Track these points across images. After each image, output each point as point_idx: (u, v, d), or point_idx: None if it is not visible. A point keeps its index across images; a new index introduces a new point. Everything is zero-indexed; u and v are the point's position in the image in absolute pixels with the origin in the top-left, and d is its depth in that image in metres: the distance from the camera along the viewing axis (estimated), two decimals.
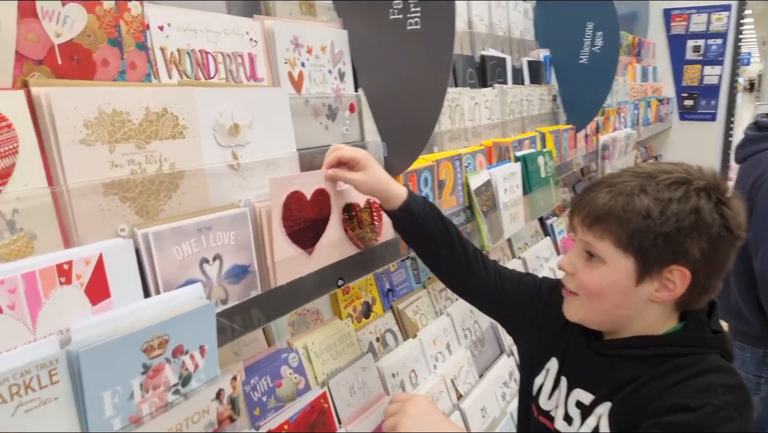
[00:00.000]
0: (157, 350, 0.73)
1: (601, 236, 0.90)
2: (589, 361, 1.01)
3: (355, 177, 1.10)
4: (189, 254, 0.86)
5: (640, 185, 0.88)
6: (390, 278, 1.70)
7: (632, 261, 0.89)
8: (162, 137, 0.86)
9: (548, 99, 2.62)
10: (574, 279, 0.97)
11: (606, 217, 0.89)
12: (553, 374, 1.08)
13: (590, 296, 0.95)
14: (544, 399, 1.09)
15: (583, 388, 1.01)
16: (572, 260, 0.97)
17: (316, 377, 1.30)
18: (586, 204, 0.93)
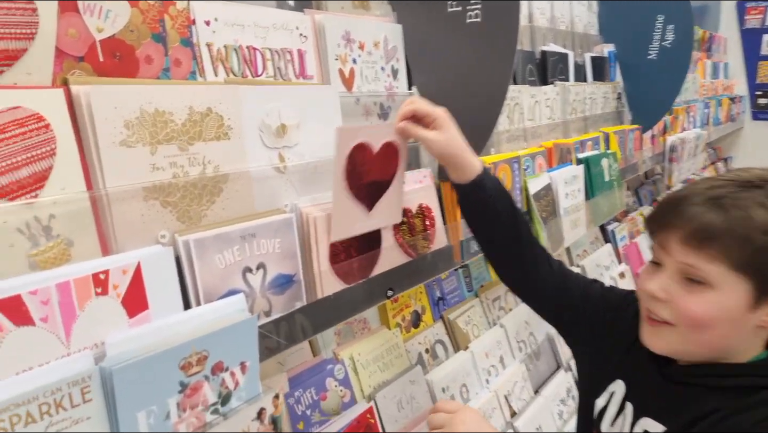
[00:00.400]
0: (195, 367, 0.69)
1: (713, 258, 0.77)
2: (659, 388, 0.90)
3: (428, 135, 0.99)
4: (231, 262, 0.81)
5: (754, 198, 0.76)
6: (441, 286, 1.63)
7: (749, 284, 0.76)
8: (206, 138, 0.82)
9: (613, 97, 2.47)
10: (671, 307, 0.83)
11: (721, 236, 0.76)
12: (619, 398, 0.98)
13: (694, 327, 0.81)
14: (607, 424, 0.99)
15: (652, 417, 0.90)
16: (664, 285, 0.83)
17: (362, 390, 1.25)
18: (687, 221, 0.79)
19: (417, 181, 1.21)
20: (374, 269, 1.06)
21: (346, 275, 1.00)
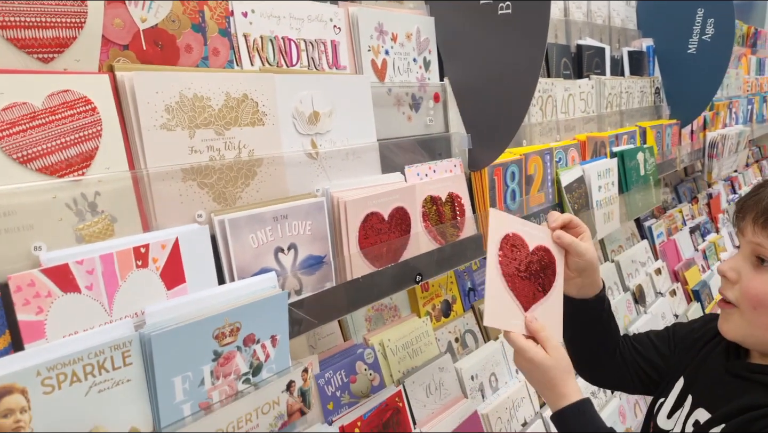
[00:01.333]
0: (228, 338, 0.72)
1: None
2: (718, 380, 0.91)
3: (582, 244, 0.98)
4: (264, 242, 0.84)
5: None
6: (471, 277, 1.64)
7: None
8: (241, 124, 0.86)
9: (650, 92, 2.43)
10: (737, 288, 0.84)
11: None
12: (676, 393, 0.99)
13: (756, 307, 0.82)
14: (663, 418, 1.00)
15: (705, 408, 0.91)
16: (736, 265, 0.85)
17: (391, 375, 1.27)
18: (759, 200, 0.82)
19: (447, 170, 1.23)
20: (403, 255, 1.08)
21: (376, 259, 1.02)
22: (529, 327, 0.92)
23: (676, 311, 2.42)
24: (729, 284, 0.86)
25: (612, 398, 1.86)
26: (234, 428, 0.73)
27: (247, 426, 0.74)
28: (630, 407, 1.95)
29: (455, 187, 1.23)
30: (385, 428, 1.16)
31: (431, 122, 1.27)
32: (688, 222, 3.10)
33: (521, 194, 1.44)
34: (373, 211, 1.01)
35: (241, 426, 0.74)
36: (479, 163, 1.30)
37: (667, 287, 2.49)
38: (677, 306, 2.46)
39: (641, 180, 2.03)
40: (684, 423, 0.93)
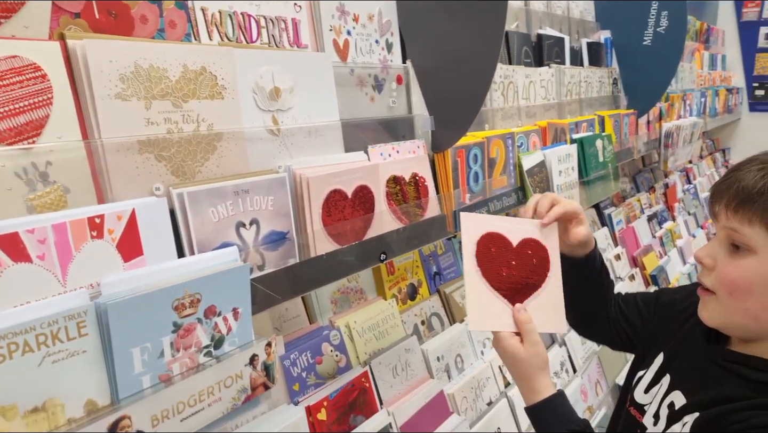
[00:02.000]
0: (188, 309, 0.71)
1: (750, 220, 0.77)
2: (696, 363, 0.91)
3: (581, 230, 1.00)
4: (225, 216, 0.83)
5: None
6: (437, 261, 1.65)
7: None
8: (200, 97, 0.84)
9: (608, 82, 2.49)
10: (714, 274, 0.84)
11: (757, 197, 0.76)
12: (655, 368, 1.00)
13: (732, 293, 0.81)
14: (640, 392, 1.01)
15: (681, 391, 0.91)
16: (712, 252, 0.84)
17: (357, 357, 1.27)
18: (731, 184, 0.80)
19: (411, 151, 1.23)
20: (367, 233, 1.08)
21: (339, 237, 1.02)
22: (516, 317, 0.93)
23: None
24: (706, 270, 0.85)
25: (574, 377, 1.90)
26: (196, 401, 0.72)
27: (209, 399, 0.73)
28: (591, 385, 1.99)
29: (419, 168, 1.23)
30: (351, 408, 1.16)
31: (394, 104, 1.27)
32: (646, 210, 3.19)
33: (484, 177, 1.46)
34: (336, 188, 1.01)
35: (203, 399, 0.72)
36: (442, 145, 1.31)
37: (626, 272, 2.56)
38: (636, 290, 2.52)
39: (600, 166, 2.08)
40: (660, 403, 0.94)
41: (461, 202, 1.37)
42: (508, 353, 0.92)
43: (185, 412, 0.71)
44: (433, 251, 1.64)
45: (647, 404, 0.98)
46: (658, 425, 0.91)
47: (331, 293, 1.31)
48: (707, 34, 4.59)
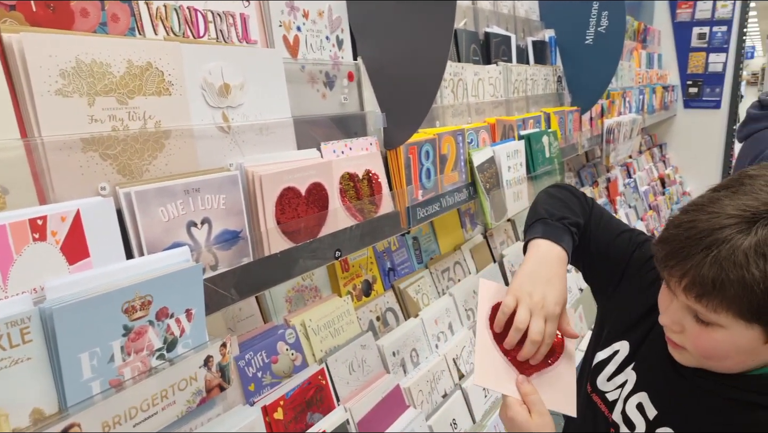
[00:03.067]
0: (139, 312, 0.69)
1: (715, 309, 0.72)
2: (666, 373, 0.90)
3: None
4: (175, 216, 0.81)
5: (755, 247, 0.67)
6: (391, 257, 1.66)
7: (760, 327, 0.71)
8: (146, 93, 0.82)
9: (553, 80, 2.56)
10: (685, 338, 0.80)
11: (718, 293, 0.70)
12: (620, 359, 1.00)
13: (708, 358, 0.79)
14: (603, 380, 1.01)
15: (650, 396, 0.91)
16: (676, 318, 0.80)
17: (314, 354, 1.26)
18: (686, 271, 0.73)
19: (363, 148, 1.24)
20: (322, 230, 1.08)
21: (294, 235, 1.01)
22: (519, 388, 0.90)
23: (581, 285, 2.58)
24: (675, 333, 0.82)
25: None
26: (149, 406, 0.70)
27: (163, 403, 0.71)
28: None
29: (372, 165, 1.24)
30: (308, 406, 1.16)
31: (346, 101, 1.27)
32: None
33: (436, 173, 1.48)
34: (289, 186, 1.00)
35: (156, 403, 0.71)
36: (394, 142, 1.32)
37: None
38: (581, 281, 2.62)
39: (546, 162, 2.14)
40: (625, 400, 0.95)
41: (414, 198, 1.38)
42: (515, 422, 0.86)
43: (138, 417, 0.69)
44: (387, 247, 1.65)
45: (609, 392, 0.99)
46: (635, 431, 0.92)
47: (286, 292, 1.30)
48: (644, 34, 4.78)
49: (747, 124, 2.06)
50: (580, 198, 1.15)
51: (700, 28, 5.22)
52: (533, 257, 0.98)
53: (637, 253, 1.05)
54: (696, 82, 5.33)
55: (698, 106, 5.32)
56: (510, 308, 0.91)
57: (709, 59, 5.24)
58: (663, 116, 4.85)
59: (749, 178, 0.74)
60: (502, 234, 2.28)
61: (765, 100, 1.99)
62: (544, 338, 0.89)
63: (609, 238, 1.09)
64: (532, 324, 0.89)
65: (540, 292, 0.92)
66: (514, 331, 0.90)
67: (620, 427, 0.95)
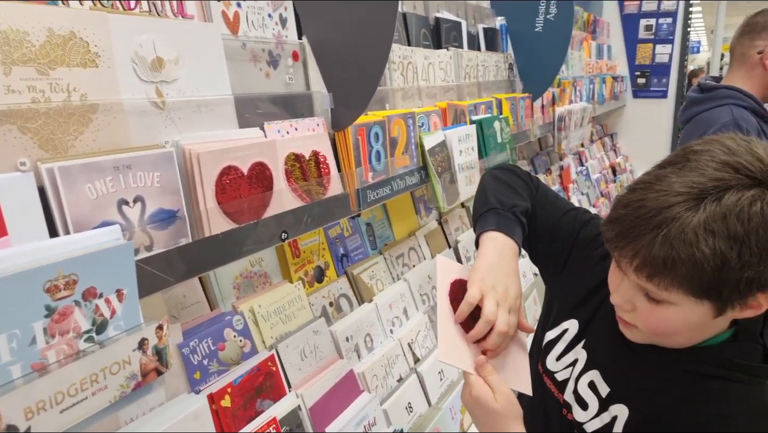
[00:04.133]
0: (63, 291, 0.65)
1: (667, 287, 0.72)
2: (617, 349, 0.90)
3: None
4: (104, 193, 0.77)
5: (704, 224, 0.67)
6: (344, 243, 1.64)
7: (710, 304, 0.72)
8: (70, 64, 0.77)
9: (504, 67, 2.58)
10: (636, 316, 0.81)
11: (669, 271, 0.70)
12: (569, 338, 1.00)
13: (658, 334, 0.80)
14: (552, 360, 1.02)
15: (601, 374, 0.92)
16: (627, 297, 0.80)
17: (263, 341, 1.23)
18: (636, 251, 0.72)
19: (310, 129, 1.21)
20: (267, 211, 1.05)
21: (237, 215, 0.98)
22: (478, 370, 0.89)
23: (535, 270, 2.61)
24: (626, 311, 0.83)
25: None
26: (77, 390, 0.66)
27: (93, 387, 0.68)
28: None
29: (319, 146, 1.21)
30: (258, 393, 1.13)
31: (291, 81, 1.24)
32: None
33: (386, 156, 1.46)
34: (230, 165, 0.97)
35: (85, 388, 0.67)
36: (342, 123, 1.29)
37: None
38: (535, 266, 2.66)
39: (498, 147, 2.15)
40: (577, 380, 0.95)
41: (364, 180, 1.36)
42: (480, 401, 0.85)
43: (65, 402, 0.65)
44: (340, 233, 1.63)
45: (559, 372, 0.99)
46: (588, 411, 0.92)
47: (233, 278, 1.26)
48: (594, 25, 4.88)
49: (689, 107, 2.14)
50: (525, 180, 1.16)
51: (647, 20, 5.37)
52: (491, 250, 0.98)
53: (583, 231, 1.06)
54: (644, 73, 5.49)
55: (646, 96, 5.47)
56: (476, 299, 0.90)
57: (656, 50, 5.40)
58: (613, 106, 4.97)
59: (694, 154, 0.74)
60: (457, 220, 2.29)
61: (704, 84, 2.07)
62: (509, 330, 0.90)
63: (555, 218, 1.10)
64: (500, 316, 0.89)
65: (503, 285, 0.92)
66: (484, 324, 0.89)
67: (573, 407, 0.96)
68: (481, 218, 1.05)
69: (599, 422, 0.90)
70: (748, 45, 1.95)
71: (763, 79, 1.95)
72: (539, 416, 1.04)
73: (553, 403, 1.00)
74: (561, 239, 1.07)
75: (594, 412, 0.91)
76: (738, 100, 1.92)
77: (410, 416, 1.50)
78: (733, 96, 1.93)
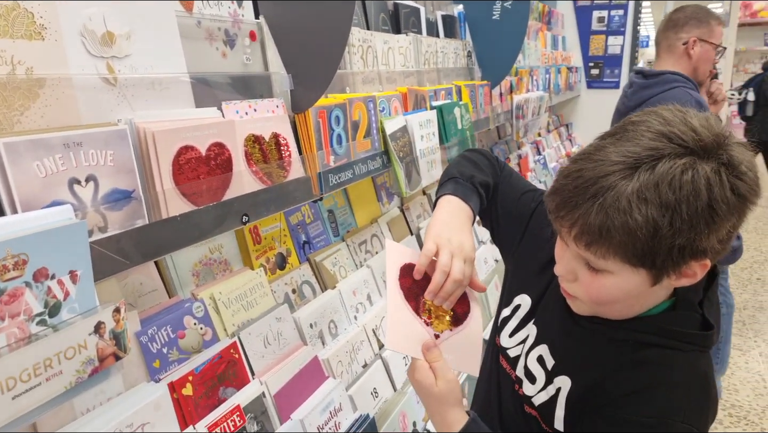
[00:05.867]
0: (12, 272, 0.61)
1: (604, 255, 0.74)
2: (563, 322, 0.93)
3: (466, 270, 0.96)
4: (54, 171, 0.73)
5: (638, 192, 0.69)
6: (306, 230, 1.62)
7: (645, 271, 0.74)
8: (14, 36, 0.73)
9: (463, 54, 2.60)
10: (577, 287, 0.83)
11: (605, 240, 0.72)
12: (522, 314, 1.03)
13: (600, 304, 0.82)
14: (506, 336, 1.04)
15: (549, 348, 0.94)
16: (569, 267, 0.82)
17: (225, 329, 1.21)
18: (575, 220, 0.74)
19: (269, 110, 1.19)
20: (226, 193, 1.02)
21: (195, 197, 0.95)
22: (424, 355, 0.91)
23: (497, 256, 2.65)
24: (568, 282, 0.85)
25: None
26: (30, 376, 0.63)
27: (47, 373, 0.65)
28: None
29: (279, 128, 1.19)
30: (220, 381, 1.11)
31: (249, 61, 1.21)
32: None
33: (347, 139, 1.45)
34: (187, 144, 0.94)
35: (39, 373, 0.64)
36: (302, 105, 1.27)
37: (487, 236, 2.71)
38: (497, 252, 2.69)
39: (459, 133, 2.16)
40: (527, 353, 0.97)
41: (326, 164, 1.35)
42: (422, 385, 0.90)
43: (17, 388, 0.61)
44: (301, 219, 1.61)
45: (511, 349, 1.02)
46: (536, 384, 0.94)
47: (192, 265, 1.23)
48: (549, 17, 4.97)
49: (637, 92, 2.22)
50: (491, 160, 1.20)
51: (600, 12, 5.50)
52: (445, 209, 1.02)
53: (538, 209, 1.09)
54: (597, 64, 5.62)
55: (599, 86, 5.62)
56: (432, 251, 0.94)
57: (608, 42, 5.54)
58: (569, 96, 5.08)
59: (632, 125, 0.76)
60: (419, 207, 2.30)
61: (648, 71, 2.25)
62: (464, 278, 0.93)
63: (514, 196, 1.13)
64: (454, 264, 0.93)
65: (457, 238, 0.95)
66: (440, 274, 0.92)
67: (523, 382, 0.98)
68: (441, 187, 1.10)
69: (545, 394, 0.92)
70: (674, 38, 2.21)
71: (690, 66, 2.20)
72: (494, 391, 1.07)
73: (506, 379, 1.03)
74: (518, 217, 1.10)
75: (541, 385, 0.93)
76: (684, 84, 2.12)
77: (376, 401, 1.50)
78: (678, 80, 2.13)
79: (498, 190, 1.14)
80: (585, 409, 0.85)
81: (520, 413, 0.98)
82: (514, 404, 1.00)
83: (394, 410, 1.52)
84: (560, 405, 0.89)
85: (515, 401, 1.00)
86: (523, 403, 0.97)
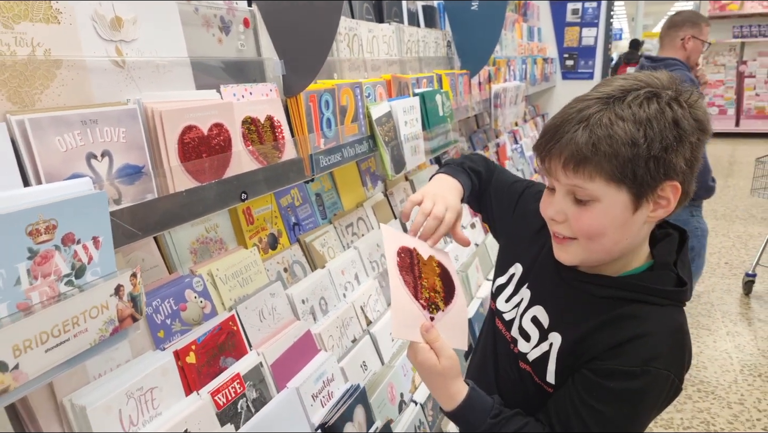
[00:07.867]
0: (44, 235, 0.67)
1: (591, 176, 0.84)
2: (555, 284, 1.01)
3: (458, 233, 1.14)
4: (73, 146, 0.79)
5: (615, 112, 0.82)
6: (296, 213, 1.68)
7: (626, 192, 0.84)
8: (33, 19, 0.78)
9: (443, 44, 2.67)
10: (568, 225, 0.91)
11: (593, 156, 0.82)
12: (516, 280, 1.12)
13: (590, 238, 0.89)
14: (503, 301, 1.13)
15: (543, 307, 1.03)
16: (558, 207, 0.90)
17: (223, 303, 1.26)
18: (563, 146, 0.85)
19: (263, 94, 1.24)
20: (227, 172, 1.08)
21: (199, 174, 1.01)
22: (424, 337, 0.98)
23: (476, 240, 2.74)
24: (559, 224, 0.92)
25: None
26: (60, 332, 0.68)
27: (75, 330, 0.70)
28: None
29: (273, 111, 1.25)
30: (221, 350, 1.17)
31: (243, 47, 1.26)
32: None
33: (336, 123, 1.51)
34: (191, 124, 0.99)
35: (68, 329, 0.69)
36: (294, 89, 1.33)
37: (468, 221, 2.79)
38: (477, 237, 2.78)
39: (440, 120, 2.24)
40: (522, 315, 1.06)
41: (316, 146, 1.41)
42: (426, 366, 0.96)
43: (49, 342, 0.67)
44: (291, 202, 1.67)
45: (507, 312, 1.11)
46: (530, 342, 1.03)
47: (190, 243, 1.28)
48: (525, 8, 5.07)
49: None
50: (486, 160, 1.34)
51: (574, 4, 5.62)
52: (435, 182, 1.19)
53: (528, 190, 1.21)
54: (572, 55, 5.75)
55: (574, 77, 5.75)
56: (417, 199, 1.11)
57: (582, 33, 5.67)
58: (544, 86, 5.20)
59: (611, 79, 0.89)
60: (402, 192, 2.37)
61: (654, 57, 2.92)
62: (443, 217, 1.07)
63: (506, 184, 1.27)
64: (436, 206, 1.08)
65: (443, 194, 1.11)
66: (421, 215, 1.07)
67: (518, 341, 1.06)
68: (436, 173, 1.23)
69: (539, 350, 1.01)
70: (674, 35, 2.99)
71: (684, 55, 2.98)
72: (489, 349, 1.16)
73: (502, 340, 1.11)
74: (510, 197, 1.23)
75: (535, 342, 1.02)
76: (683, 68, 2.88)
77: (365, 374, 1.58)
78: (677, 64, 2.90)
79: (492, 181, 1.28)
80: (575, 362, 0.94)
81: (515, 369, 1.07)
82: (509, 362, 1.09)
83: (383, 381, 1.60)
84: (552, 360, 0.98)
85: (510, 359, 1.09)
86: (518, 360, 1.06)
